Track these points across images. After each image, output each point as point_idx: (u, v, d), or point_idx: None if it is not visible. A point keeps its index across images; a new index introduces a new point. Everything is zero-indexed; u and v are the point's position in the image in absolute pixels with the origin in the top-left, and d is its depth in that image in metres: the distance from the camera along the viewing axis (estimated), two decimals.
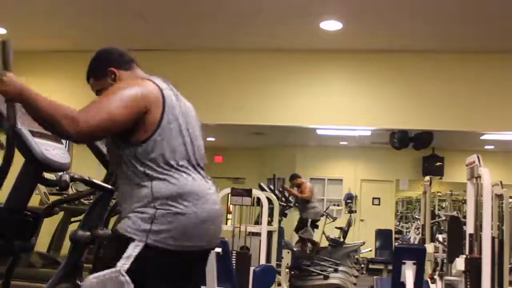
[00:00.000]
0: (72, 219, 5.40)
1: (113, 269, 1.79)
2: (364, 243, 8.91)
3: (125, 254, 1.80)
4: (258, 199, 5.29)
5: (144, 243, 1.81)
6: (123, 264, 1.79)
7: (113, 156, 1.98)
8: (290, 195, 8.25)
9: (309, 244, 8.36)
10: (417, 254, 3.80)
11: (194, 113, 2.11)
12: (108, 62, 2.07)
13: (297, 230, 8.60)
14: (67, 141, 2.56)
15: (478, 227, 3.94)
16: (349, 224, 9.18)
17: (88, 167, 2.70)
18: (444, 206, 12.72)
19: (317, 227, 8.79)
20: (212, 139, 11.72)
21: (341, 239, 8.79)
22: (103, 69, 2.06)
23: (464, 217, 6.29)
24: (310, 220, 8.30)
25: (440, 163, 11.51)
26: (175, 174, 1.89)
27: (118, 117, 1.80)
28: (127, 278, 1.77)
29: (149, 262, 1.83)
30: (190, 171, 1.94)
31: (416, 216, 12.17)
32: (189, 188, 1.90)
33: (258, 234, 5.17)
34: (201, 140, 2.10)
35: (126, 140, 1.87)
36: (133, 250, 1.80)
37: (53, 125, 1.73)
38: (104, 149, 2.29)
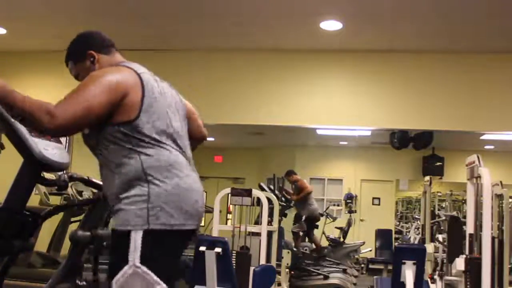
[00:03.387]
0: (72, 219, 5.40)
1: (127, 266, 1.79)
2: (364, 243, 8.91)
3: (131, 246, 1.80)
4: (258, 199, 5.28)
5: (143, 228, 1.81)
6: (134, 256, 1.79)
7: (96, 139, 1.96)
8: (288, 194, 8.22)
9: (310, 244, 8.35)
10: (417, 254, 3.80)
11: (176, 97, 2.11)
12: (87, 45, 2.07)
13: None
14: (66, 141, 2.54)
15: (478, 227, 3.94)
16: (349, 224, 9.18)
17: (87, 167, 2.69)
18: (444, 206, 12.72)
19: (317, 227, 8.77)
20: (212, 139, 11.71)
21: (341, 239, 8.79)
22: (82, 52, 2.06)
23: (464, 217, 6.29)
24: (304, 216, 8.28)
25: (440, 163, 11.51)
26: (160, 149, 1.90)
27: (96, 107, 1.80)
28: (144, 268, 1.78)
29: (155, 244, 1.83)
30: (173, 148, 1.95)
31: (416, 216, 12.18)
32: (174, 161, 1.92)
33: (258, 234, 5.16)
34: (184, 123, 2.10)
35: (109, 122, 1.87)
36: (136, 240, 1.80)
37: (30, 120, 1.74)
38: None
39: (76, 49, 2.09)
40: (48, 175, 2.29)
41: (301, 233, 8.37)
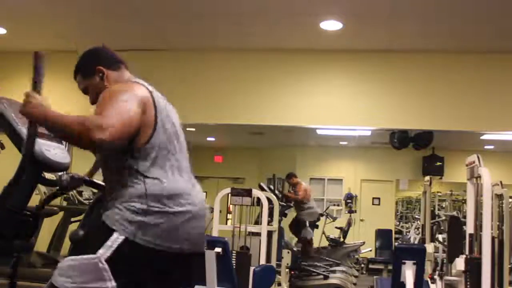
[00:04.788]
0: (72, 219, 5.41)
1: (92, 255, 1.79)
2: (364, 243, 8.90)
3: (108, 243, 1.80)
4: (258, 199, 5.28)
5: (127, 236, 1.81)
6: (104, 252, 1.79)
7: (104, 157, 1.97)
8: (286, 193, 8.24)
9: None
10: (417, 254, 3.80)
11: (176, 115, 2.11)
12: (97, 61, 2.08)
13: (291, 228, 8.57)
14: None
15: (478, 227, 3.94)
16: (349, 224, 9.17)
17: (88, 167, 2.69)
18: (444, 206, 12.72)
19: (317, 227, 8.77)
20: (212, 139, 11.71)
21: (341, 239, 8.78)
22: (91, 68, 2.06)
23: (464, 217, 6.29)
24: (307, 221, 8.28)
25: (440, 163, 11.51)
26: (167, 174, 1.91)
27: (134, 118, 1.82)
28: (106, 266, 1.78)
29: (130, 256, 1.83)
30: (179, 171, 1.96)
31: (416, 216, 12.18)
32: (178, 188, 1.92)
33: (258, 234, 5.16)
34: (184, 139, 2.10)
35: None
36: (115, 241, 1.81)
37: (81, 138, 1.72)
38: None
39: (85, 64, 2.10)
40: (48, 175, 2.29)
41: (310, 238, 8.33)
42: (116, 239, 1.81)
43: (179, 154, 1.98)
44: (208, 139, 11.65)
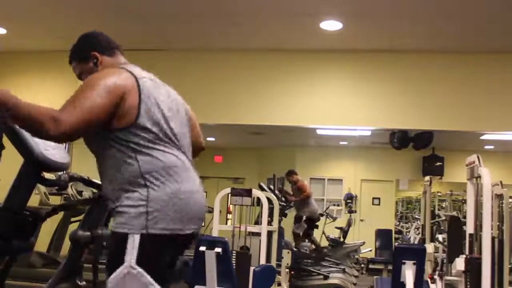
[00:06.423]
0: (72, 219, 5.41)
1: (123, 266, 1.79)
2: (364, 243, 8.90)
3: (129, 248, 1.80)
4: (258, 199, 5.28)
5: (141, 231, 1.81)
6: (130, 257, 1.79)
7: (95, 142, 1.95)
8: (289, 196, 8.23)
9: (310, 244, 8.36)
10: (417, 254, 3.79)
11: (179, 102, 2.09)
12: (92, 46, 2.07)
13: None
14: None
15: (478, 227, 3.94)
16: (349, 224, 9.17)
17: (87, 167, 2.69)
18: (444, 206, 12.72)
19: (317, 227, 8.78)
20: (212, 139, 11.71)
21: (341, 239, 8.78)
22: (86, 53, 2.06)
23: (464, 217, 6.30)
24: (305, 217, 8.32)
25: (440, 163, 11.51)
26: (158, 153, 1.89)
27: (99, 111, 1.80)
28: (139, 269, 1.78)
29: (154, 250, 1.83)
30: (173, 152, 1.93)
31: (416, 216, 12.17)
32: (173, 164, 1.90)
33: (258, 234, 5.15)
34: (187, 129, 2.09)
35: (107, 128, 1.86)
36: (133, 242, 1.80)
37: (34, 126, 1.72)
38: None
39: (80, 49, 2.09)
40: (48, 175, 2.29)
41: (301, 234, 8.39)
42: (134, 240, 1.80)
43: (172, 138, 1.95)
44: (208, 139, 11.65)
